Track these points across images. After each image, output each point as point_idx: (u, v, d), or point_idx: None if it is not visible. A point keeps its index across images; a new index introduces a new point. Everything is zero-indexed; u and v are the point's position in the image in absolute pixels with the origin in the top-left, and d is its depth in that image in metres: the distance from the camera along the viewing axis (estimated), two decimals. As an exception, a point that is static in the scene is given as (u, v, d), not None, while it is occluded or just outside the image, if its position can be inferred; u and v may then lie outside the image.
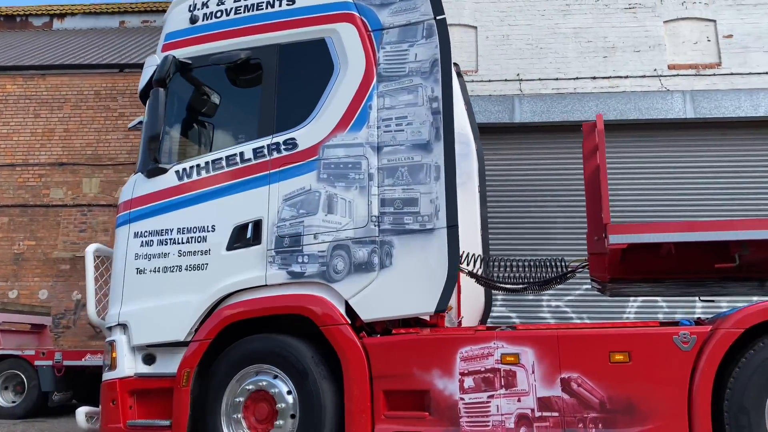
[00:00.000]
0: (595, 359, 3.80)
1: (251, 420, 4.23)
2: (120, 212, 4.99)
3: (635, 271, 4.52)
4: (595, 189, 4.42)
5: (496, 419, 3.86)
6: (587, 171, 4.54)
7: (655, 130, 9.32)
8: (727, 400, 3.60)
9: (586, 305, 8.74)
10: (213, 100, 5.02)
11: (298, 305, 4.32)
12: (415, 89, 4.53)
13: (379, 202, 4.39)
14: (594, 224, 4.37)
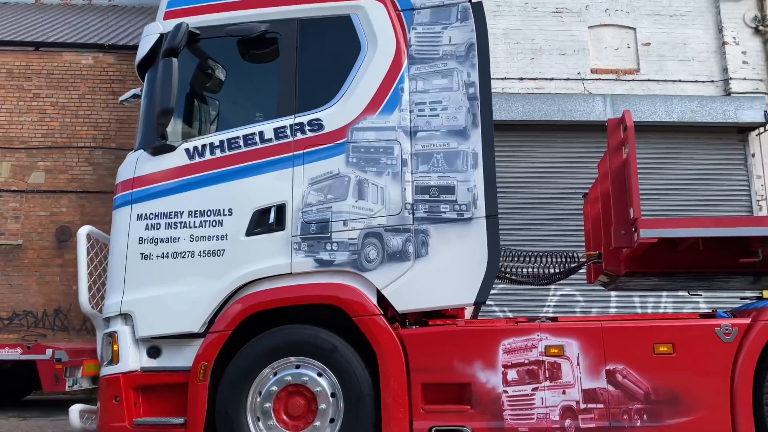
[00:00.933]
0: (639, 351, 3.86)
1: (282, 415, 4.00)
2: (119, 192, 4.61)
3: (651, 265, 4.62)
4: (621, 184, 4.48)
5: (541, 412, 3.84)
6: (612, 166, 4.59)
7: (577, 131, 9.71)
8: (767, 392, 3.74)
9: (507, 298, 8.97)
10: (224, 75, 4.71)
11: (330, 294, 4.13)
12: (449, 73, 4.43)
13: (413, 189, 4.27)
14: (620, 218, 4.42)
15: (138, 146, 4.70)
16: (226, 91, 4.73)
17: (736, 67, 10.27)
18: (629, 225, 4.28)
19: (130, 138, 11.24)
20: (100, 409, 4.32)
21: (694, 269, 4.68)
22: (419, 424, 3.88)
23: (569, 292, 9.17)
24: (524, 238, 8.89)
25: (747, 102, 9.71)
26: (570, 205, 8.78)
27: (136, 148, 4.70)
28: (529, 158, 9.90)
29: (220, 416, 4.04)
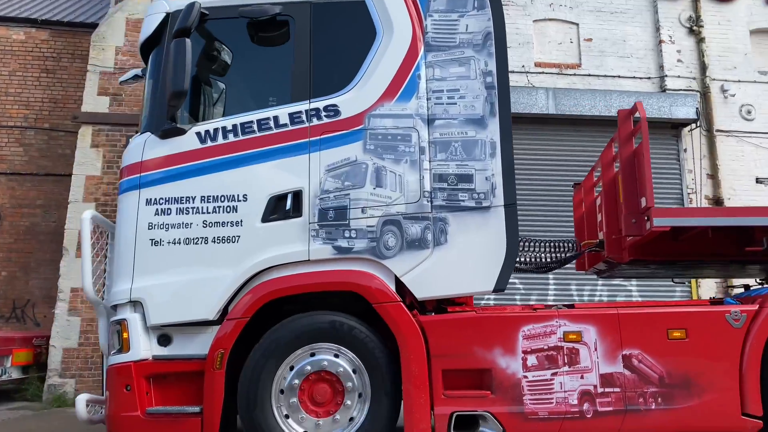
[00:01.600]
0: (654, 336, 4.02)
1: (307, 403, 4.01)
2: (125, 176, 4.50)
3: (654, 253, 4.80)
4: (632, 174, 4.62)
5: (560, 396, 3.96)
6: (622, 156, 4.73)
7: (520, 123, 9.86)
8: (770, 366, 3.95)
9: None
10: (235, 57, 4.65)
11: (350, 281, 4.15)
12: (467, 61, 4.48)
13: (431, 177, 4.31)
14: (630, 207, 4.56)
15: (144, 129, 4.60)
16: (237, 74, 4.67)
17: (672, 65, 10.68)
18: (640, 214, 4.42)
19: (64, 118, 10.91)
20: (109, 398, 4.23)
21: (696, 257, 4.88)
22: (440, 410, 3.94)
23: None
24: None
25: (681, 99, 10.13)
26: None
27: (142, 131, 4.60)
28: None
29: (249, 404, 4.01)
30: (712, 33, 10.86)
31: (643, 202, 4.39)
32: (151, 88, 4.72)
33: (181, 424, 4.04)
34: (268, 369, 4.05)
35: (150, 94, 4.72)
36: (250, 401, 4.01)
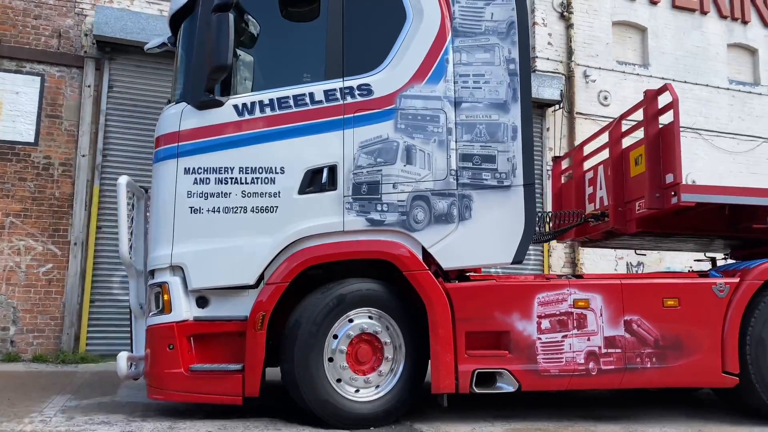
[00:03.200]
0: (651, 304, 4.65)
1: (354, 364, 4.47)
2: (162, 145, 4.75)
3: (661, 225, 5.40)
4: (656, 151, 5.08)
5: (569, 356, 4.56)
6: (649, 134, 5.18)
7: None
8: (749, 335, 4.67)
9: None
10: (270, 32, 4.89)
11: (383, 251, 4.57)
12: (491, 48, 4.89)
13: (457, 156, 4.74)
14: (654, 183, 5.05)
15: (179, 99, 4.82)
16: (272, 50, 4.93)
17: (543, 47, 11.39)
18: (664, 189, 4.95)
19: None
20: (151, 356, 4.55)
21: (690, 231, 5.52)
22: (464, 367, 4.47)
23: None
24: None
25: (548, 80, 10.88)
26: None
27: (177, 101, 4.82)
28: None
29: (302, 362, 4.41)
30: (580, 20, 11.64)
31: (669, 179, 4.90)
32: (185, 59, 4.93)
33: (224, 381, 4.42)
34: (317, 342, 4.43)
35: (184, 65, 4.93)
36: (305, 374, 4.39)
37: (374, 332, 4.52)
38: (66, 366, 7.76)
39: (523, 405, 5.34)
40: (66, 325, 8.38)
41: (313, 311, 4.44)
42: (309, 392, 4.38)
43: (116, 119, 9.02)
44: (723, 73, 13.13)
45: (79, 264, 8.52)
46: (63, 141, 8.77)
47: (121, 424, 4.41)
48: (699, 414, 5.14)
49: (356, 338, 4.50)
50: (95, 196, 8.73)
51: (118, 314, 8.46)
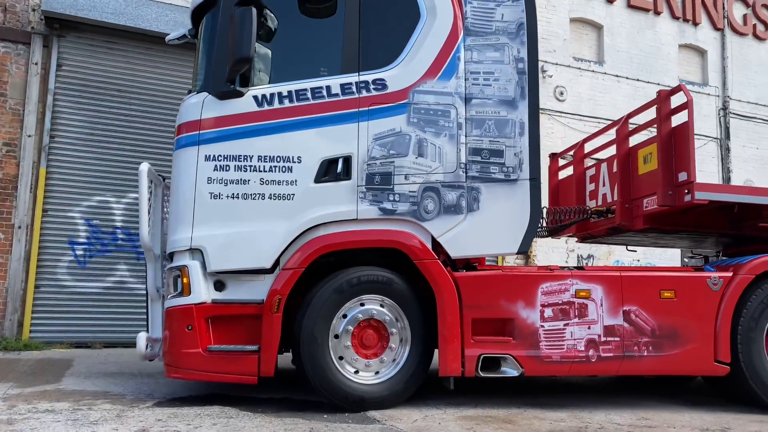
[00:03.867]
0: (649, 296, 4.91)
1: (358, 347, 4.70)
2: (183, 133, 4.95)
3: (666, 223, 5.66)
4: (669, 150, 5.31)
5: (570, 343, 4.81)
6: (662, 133, 5.41)
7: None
8: (740, 326, 4.94)
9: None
10: (287, 27, 5.09)
11: (394, 240, 4.80)
12: (501, 47, 5.13)
13: (466, 150, 4.98)
14: (667, 181, 5.28)
15: (200, 89, 5.02)
16: (290, 43, 5.12)
17: None
18: (677, 186, 5.20)
19: None
20: (169, 337, 4.76)
21: (699, 229, 5.80)
22: (470, 352, 4.71)
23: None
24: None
25: None
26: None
27: (198, 91, 5.02)
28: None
29: (305, 351, 4.64)
30: (538, 15, 11.62)
31: (682, 177, 5.16)
32: (206, 50, 5.13)
33: (240, 361, 4.63)
34: (324, 318, 4.67)
35: (205, 56, 5.13)
36: (310, 346, 4.63)
37: (382, 320, 4.75)
38: (8, 353, 7.69)
39: (475, 393, 5.47)
40: (9, 311, 8.31)
41: (328, 289, 4.68)
42: (313, 370, 4.62)
43: (65, 99, 8.89)
44: (674, 72, 13.67)
45: (24, 248, 8.46)
46: (7, 120, 8.63)
47: (67, 413, 4.39)
48: (644, 402, 5.39)
49: (364, 322, 4.73)
50: (41, 179, 8.65)
51: (64, 300, 8.57)
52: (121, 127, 9.26)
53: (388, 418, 4.45)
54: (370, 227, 4.84)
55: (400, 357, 4.78)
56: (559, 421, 4.49)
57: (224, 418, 4.35)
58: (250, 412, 4.55)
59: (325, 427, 4.17)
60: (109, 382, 5.77)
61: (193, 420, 4.28)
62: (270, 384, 5.40)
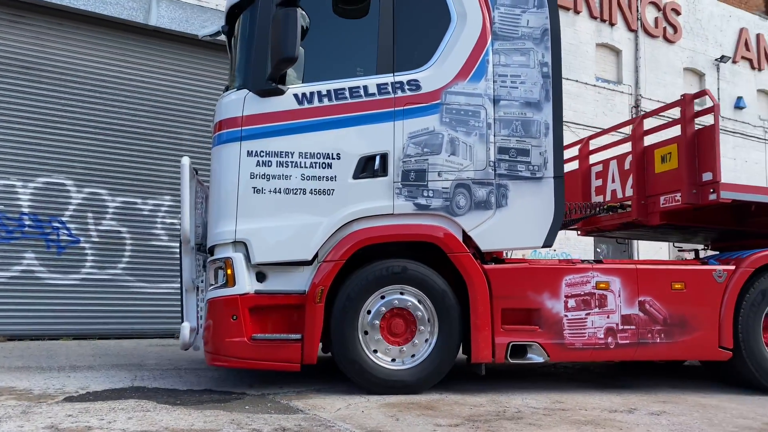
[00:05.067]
0: (662, 287, 5.37)
1: (388, 336, 5.00)
2: (224, 129, 5.14)
3: (681, 219, 6.14)
4: (692, 150, 5.73)
5: (591, 331, 5.23)
6: (686, 134, 5.82)
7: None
8: (741, 315, 5.45)
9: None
10: (325, 27, 5.31)
11: (429, 234, 5.12)
12: (527, 52, 5.46)
13: (495, 149, 5.31)
14: (691, 180, 5.71)
15: (240, 86, 5.20)
16: (327, 43, 5.35)
17: None
18: (701, 185, 5.63)
19: None
20: (213, 327, 4.97)
21: (706, 225, 6.30)
22: (500, 340, 5.08)
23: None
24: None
25: None
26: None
27: (238, 87, 5.21)
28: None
29: (336, 334, 4.92)
30: None
31: (706, 177, 5.59)
32: (245, 48, 5.31)
33: (284, 349, 4.89)
34: (350, 318, 4.97)
35: (244, 54, 5.31)
36: (345, 347, 4.94)
37: (411, 310, 5.05)
38: None
39: None
40: None
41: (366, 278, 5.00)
42: (339, 349, 4.94)
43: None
44: (591, 70, 14.51)
45: None
46: None
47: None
48: (558, 386, 5.65)
49: (395, 311, 5.04)
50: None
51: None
52: (28, 107, 9.22)
53: (311, 408, 4.47)
54: (404, 222, 5.14)
55: (432, 337, 5.08)
56: (479, 406, 4.66)
57: (140, 412, 4.22)
58: (168, 405, 4.46)
59: (247, 418, 4.10)
60: (14, 376, 5.58)
61: (107, 414, 4.11)
62: (195, 376, 5.65)
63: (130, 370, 6.07)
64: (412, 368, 5.03)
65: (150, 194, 9.98)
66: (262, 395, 4.91)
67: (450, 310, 5.07)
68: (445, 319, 5.07)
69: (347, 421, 4.08)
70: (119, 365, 6.46)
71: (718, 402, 5.08)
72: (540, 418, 4.32)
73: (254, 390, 5.12)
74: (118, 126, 9.84)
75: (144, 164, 10.00)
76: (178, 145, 10.15)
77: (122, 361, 6.77)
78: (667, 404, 4.94)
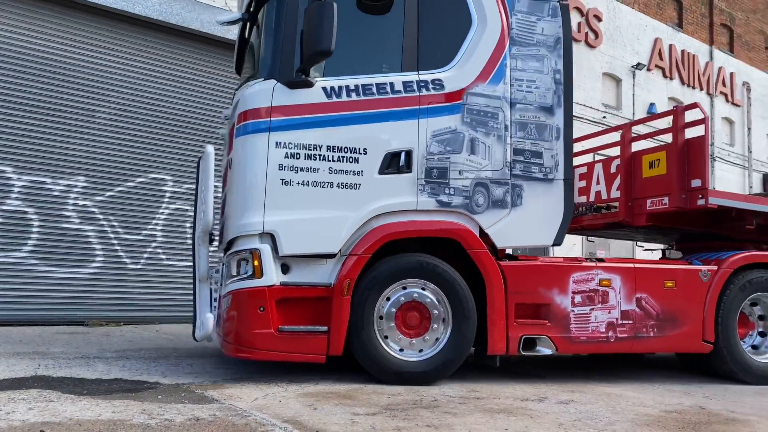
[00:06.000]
0: (656, 285, 5.84)
1: (402, 327, 5.19)
2: (250, 119, 5.12)
3: (665, 221, 6.65)
4: (683, 158, 6.20)
5: (594, 325, 5.62)
6: (677, 143, 6.28)
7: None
8: (721, 310, 6.01)
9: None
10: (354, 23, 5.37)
11: (451, 230, 5.33)
12: (541, 58, 5.75)
13: (511, 150, 5.58)
14: (681, 185, 6.18)
15: (267, 76, 5.19)
16: (354, 39, 5.40)
17: None
18: (689, 191, 6.12)
19: None
20: (238, 318, 4.98)
21: (684, 227, 6.84)
22: (513, 333, 5.37)
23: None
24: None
25: None
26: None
27: (265, 78, 5.19)
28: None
29: (353, 329, 5.04)
30: None
31: (696, 183, 6.08)
32: (271, 38, 5.30)
33: (310, 341, 4.97)
34: (371, 300, 5.12)
35: (270, 44, 5.29)
36: (358, 325, 5.06)
37: (425, 303, 5.24)
38: None
39: (322, 371, 5.57)
40: None
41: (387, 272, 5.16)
42: (356, 340, 5.06)
43: None
44: None
45: None
46: None
47: None
48: (474, 376, 5.74)
49: (409, 304, 5.22)
50: None
51: None
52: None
53: (227, 397, 4.40)
54: (427, 218, 5.32)
55: (443, 337, 5.27)
56: (397, 395, 4.73)
57: (43, 402, 4.04)
58: (74, 395, 4.29)
59: (159, 408, 3.99)
60: None
61: (6, 405, 3.92)
62: (104, 364, 5.57)
63: (34, 359, 5.80)
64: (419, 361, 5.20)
65: (61, 174, 9.54)
66: (176, 385, 4.83)
67: (467, 312, 5.23)
68: (462, 322, 5.23)
69: (264, 411, 4.03)
70: (21, 353, 6.14)
71: (621, 391, 5.38)
72: (455, 406, 4.43)
73: (168, 379, 5.04)
74: (25, 99, 9.30)
75: (56, 142, 9.51)
76: (93, 124, 9.79)
77: (25, 349, 6.44)
78: (575, 393, 5.18)
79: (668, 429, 4.08)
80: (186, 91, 10.73)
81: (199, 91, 10.84)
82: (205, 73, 10.89)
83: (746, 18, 26.77)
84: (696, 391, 5.60)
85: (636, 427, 4.08)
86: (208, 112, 10.83)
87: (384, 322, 5.17)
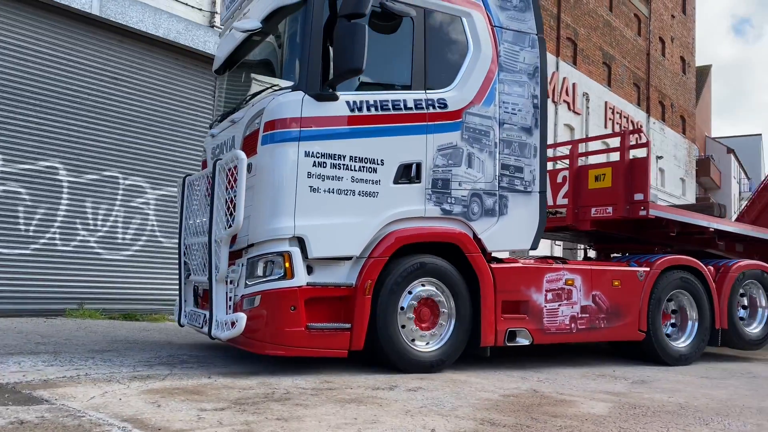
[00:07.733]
0: (607, 284, 6.96)
1: (416, 320, 5.84)
2: (279, 128, 5.45)
3: (607, 227, 7.81)
4: (628, 175, 7.39)
5: (561, 319, 6.61)
6: (624, 161, 7.44)
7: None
8: (651, 304, 7.29)
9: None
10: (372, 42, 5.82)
11: (454, 235, 6.03)
12: (523, 84, 6.61)
13: (499, 165, 6.37)
14: (625, 197, 7.36)
15: (296, 87, 5.53)
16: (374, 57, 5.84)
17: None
18: (633, 203, 7.29)
19: None
20: (269, 317, 5.31)
21: (616, 232, 8.02)
22: (500, 326, 6.20)
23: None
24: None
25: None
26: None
27: (293, 89, 5.53)
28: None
29: (380, 320, 5.59)
30: None
31: (638, 196, 7.27)
32: (296, 50, 5.63)
33: (335, 337, 5.45)
34: (394, 298, 5.72)
35: (296, 56, 5.64)
36: (386, 321, 5.63)
37: (436, 300, 5.94)
38: None
39: (171, 366, 5.57)
40: None
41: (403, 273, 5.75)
42: (383, 335, 5.61)
43: None
44: None
45: None
46: None
47: None
48: (327, 368, 5.77)
49: (423, 301, 5.88)
50: None
51: None
52: None
53: (59, 397, 4.09)
54: (432, 224, 5.98)
55: (448, 330, 6.00)
56: (248, 389, 4.67)
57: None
58: (22, 390, 4.16)
59: None
60: None
61: None
62: None
63: None
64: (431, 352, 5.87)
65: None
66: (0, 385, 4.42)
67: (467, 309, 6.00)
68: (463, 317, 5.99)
69: (101, 410, 3.77)
70: None
71: (467, 378, 5.71)
72: (308, 398, 4.45)
73: (-8, 379, 4.60)
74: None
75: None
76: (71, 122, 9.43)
77: None
78: (425, 381, 5.41)
79: (505, 412, 4.32)
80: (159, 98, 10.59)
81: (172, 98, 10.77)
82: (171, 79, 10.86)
83: (588, 34, 29.93)
84: (531, 376, 6.11)
85: (476, 411, 4.30)
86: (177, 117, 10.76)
87: (404, 312, 5.76)
